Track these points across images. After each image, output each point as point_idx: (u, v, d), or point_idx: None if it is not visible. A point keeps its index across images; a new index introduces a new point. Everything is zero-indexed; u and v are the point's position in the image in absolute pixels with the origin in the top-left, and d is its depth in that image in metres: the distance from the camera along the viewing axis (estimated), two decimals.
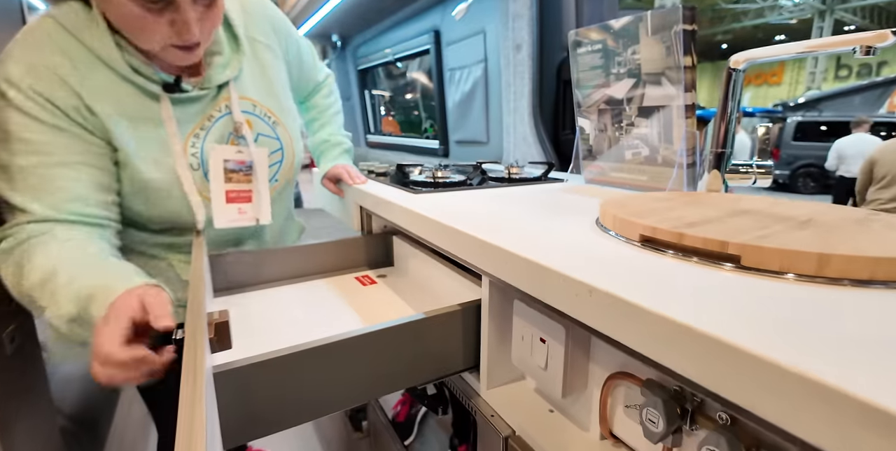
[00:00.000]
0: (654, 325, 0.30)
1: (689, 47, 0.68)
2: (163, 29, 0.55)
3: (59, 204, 0.57)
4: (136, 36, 0.56)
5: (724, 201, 0.59)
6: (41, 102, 0.55)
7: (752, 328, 0.28)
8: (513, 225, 0.57)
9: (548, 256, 0.43)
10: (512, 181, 0.97)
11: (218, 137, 0.69)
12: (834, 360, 0.24)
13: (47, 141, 0.56)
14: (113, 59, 0.59)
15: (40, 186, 0.56)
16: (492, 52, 1.47)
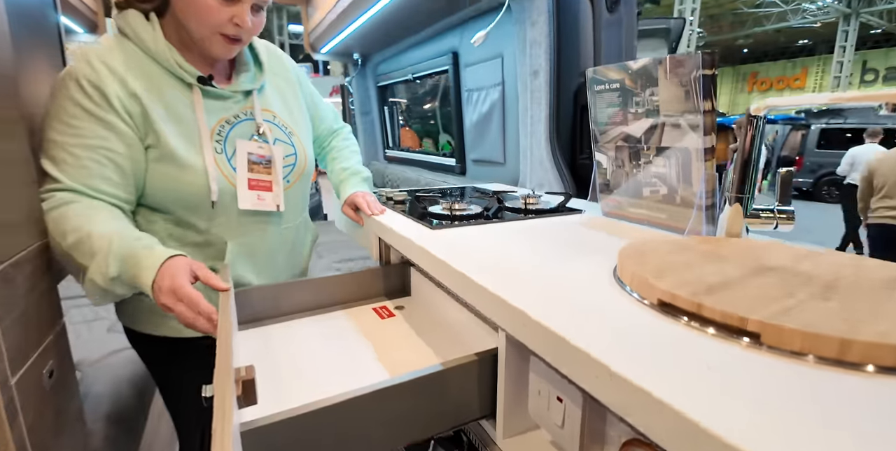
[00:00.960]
0: (673, 419, 0.30)
1: (708, 92, 0.68)
2: (222, 16, 0.70)
3: (83, 179, 0.68)
4: (196, 19, 0.70)
5: (745, 253, 0.58)
6: (93, 94, 0.67)
7: (774, 428, 0.28)
8: (529, 272, 0.58)
9: (566, 322, 0.43)
10: (529, 213, 0.97)
11: (241, 133, 0.80)
12: None
13: (86, 125, 0.68)
14: (161, 55, 0.72)
15: (70, 162, 0.67)
16: (509, 75, 1.47)
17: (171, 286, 0.61)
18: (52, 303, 0.74)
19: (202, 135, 0.75)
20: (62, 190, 0.67)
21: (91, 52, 0.70)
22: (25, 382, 0.61)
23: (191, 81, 0.75)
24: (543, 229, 0.84)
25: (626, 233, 0.81)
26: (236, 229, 0.81)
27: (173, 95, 0.74)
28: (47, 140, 0.68)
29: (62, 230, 0.65)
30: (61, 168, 0.67)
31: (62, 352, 0.75)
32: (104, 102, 0.68)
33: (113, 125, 0.69)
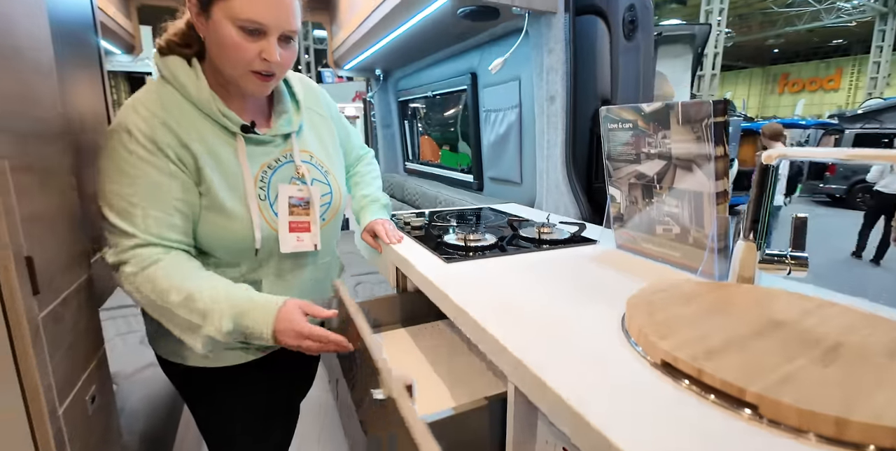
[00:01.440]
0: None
1: (720, 138, 0.69)
2: (251, 54, 0.69)
3: (155, 230, 0.69)
4: (227, 58, 0.70)
5: (753, 305, 0.59)
6: (146, 143, 0.69)
7: None
8: (538, 315, 0.60)
9: (568, 376, 0.45)
10: (542, 243, 0.99)
11: (282, 177, 0.82)
12: None
13: (147, 173, 0.69)
14: (205, 104, 0.73)
15: (138, 213, 0.68)
16: (526, 98, 1.49)
17: (293, 330, 0.67)
18: (95, 331, 0.79)
19: (247, 184, 0.77)
20: (139, 246, 0.68)
21: (140, 102, 0.71)
22: (71, 410, 0.66)
23: (235, 129, 0.76)
24: (556, 264, 0.85)
25: (639, 270, 0.82)
26: (274, 270, 0.84)
27: (219, 144, 0.75)
28: (108, 192, 0.68)
29: (161, 290, 0.67)
30: (132, 221, 0.68)
31: (103, 377, 0.80)
32: (158, 151, 0.69)
33: (170, 172, 0.70)
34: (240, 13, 0.66)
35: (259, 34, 0.69)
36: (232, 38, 0.68)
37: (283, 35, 0.71)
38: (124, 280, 0.69)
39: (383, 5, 1.46)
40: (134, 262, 0.68)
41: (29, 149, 0.61)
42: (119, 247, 0.68)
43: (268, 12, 0.68)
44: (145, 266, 0.68)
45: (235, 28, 0.68)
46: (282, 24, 0.69)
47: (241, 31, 0.68)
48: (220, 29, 0.68)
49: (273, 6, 0.68)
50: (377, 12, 1.54)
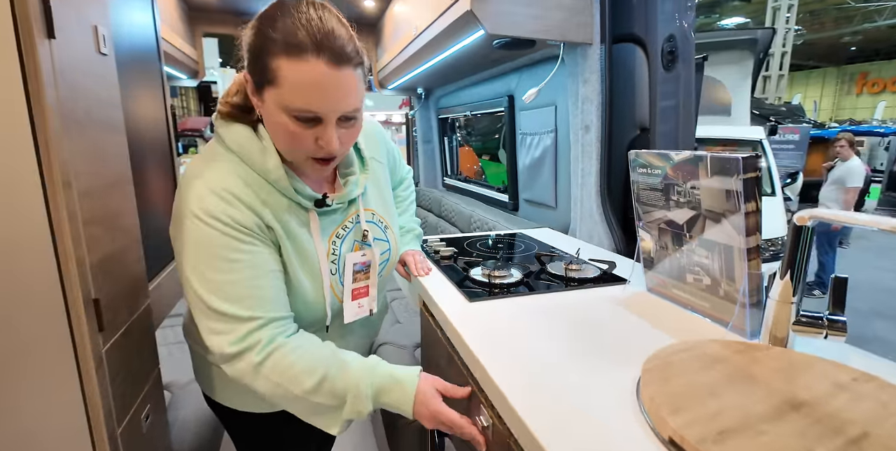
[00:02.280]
0: None
1: (752, 194, 0.67)
2: (309, 142, 0.65)
3: (272, 311, 0.66)
4: (286, 146, 0.67)
5: (780, 376, 0.57)
6: (236, 225, 0.65)
7: None
8: (552, 373, 0.61)
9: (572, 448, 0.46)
10: (570, 281, 0.99)
11: (350, 244, 0.80)
12: None
13: (246, 258, 0.65)
14: (280, 182, 0.69)
15: (253, 294, 0.65)
16: (562, 124, 1.49)
17: (428, 411, 0.66)
18: (151, 353, 0.88)
19: (321, 262, 0.75)
20: (259, 328, 0.65)
21: (217, 184, 0.65)
22: (128, 430, 0.74)
23: (308, 205, 0.72)
24: (581, 308, 0.85)
25: (668, 320, 0.80)
26: (338, 332, 0.84)
27: (292, 219, 0.71)
28: (211, 281, 0.64)
29: (292, 377, 0.64)
30: (246, 304, 0.64)
31: (157, 395, 0.89)
32: (252, 234, 0.66)
33: (266, 251, 0.68)
34: (290, 102, 0.61)
35: (315, 121, 0.63)
36: (285, 126, 0.63)
37: (343, 117, 0.64)
38: (251, 371, 0.64)
39: (422, 36, 1.51)
40: (258, 348, 0.64)
41: (98, 201, 0.70)
42: (237, 334, 0.64)
43: (321, 100, 0.61)
44: (270, 352, 0.64)
45: (288, 116, 0.62)
46: (339, 108, 0.63)
47: (295, 119, 0.62)
48: (272, 115, 0.64)
49: (326, 92, 0.61)
50: (416, 41, 1.59)
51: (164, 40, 1.57)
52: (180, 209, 0.66)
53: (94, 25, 0.70)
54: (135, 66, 1.11)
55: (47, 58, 0.56)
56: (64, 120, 0.60)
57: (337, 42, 0.60)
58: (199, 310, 0.65)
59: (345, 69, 0.61)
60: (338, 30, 0.61)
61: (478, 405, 0.68)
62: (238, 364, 0.65)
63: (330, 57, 0.59)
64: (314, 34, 0.58)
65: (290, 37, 0.58)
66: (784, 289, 0.66)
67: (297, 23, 0.59)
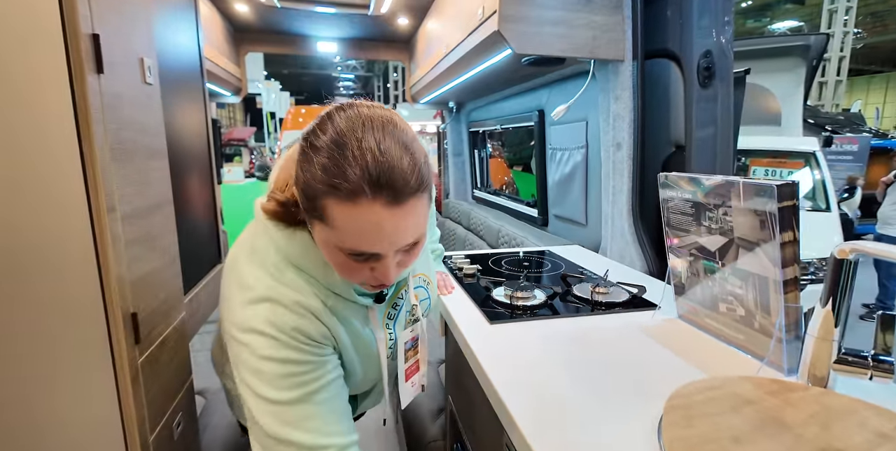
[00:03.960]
0: None
1: (788, 224, 0.63)
2: (364, 272, 0.58)
3: (347, 431, 0.59)
4: (336, 271, 0.59)
5: (813, 421, 0.53)
6: (304, 340, 0.59)
7: None
8: (572, 408, 0.59)
9: None
10: (596, 306, 0.96)
11: (402, 324, 0.76)
12: None
13: (314, 371, 0.59)
14: (340, 288, 0.63)
15: (322, 412, 0.58)
16: (593, 140, 1.46)
17: None
18: (184, 363, 0.92)
19: (381, 354, 0.71)
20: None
21: (285, 297, 0.59)
22: (160, 437, 0.78)
23: (369, 303, 0.68)
24: (607, 336, 0.82)
25: (698, 351, 0.77)
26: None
27: (355, 322, 0.67)
28: (276, 402, 0.56)
29: None
30: (315, 427, 0.57)
31: (189, 403, 0.93)
32: (318, 345, 0.61)
33: (333, 359, 0.64)
34: (342, 243, 0.53)
35: (371, 256, 0.55)
36: (338, 259, 0.56)
37: (401, 250, 0.56)
38: None
39: (452, 54, 1.53)
40: None
41: (140, 223, 0.74)
42: None
43: (377, 241, 0.53)
44: None
45: (342, 253, 0.55)
46: (398, 245, 0.54)
47: (349, 255, 0.55)
48: (324, 246, 0.56)
49: (382, 233, 0.52)
50: (447, 59, 1.61)
51: (208, 59, 1.67)
52: (239, 322, 0.58)
53: (141, 57, 0.75)
54: (179, 85, 1.19)
55: (96, 92, 0.61)
56: (111, 150, 0.65)
57: (397, 176, 0.49)
58: (255, 431, 0.57)
59: (406, 204, 0.51)
60: (399, 160, 0.50)
61: None
62: None
63: (388, 196, 0.49)
64: (370, 172, 0.48)
65: (340, 176, 0.48)
66: (825, 323, 0.62)
67: (350, 159, 0.48)
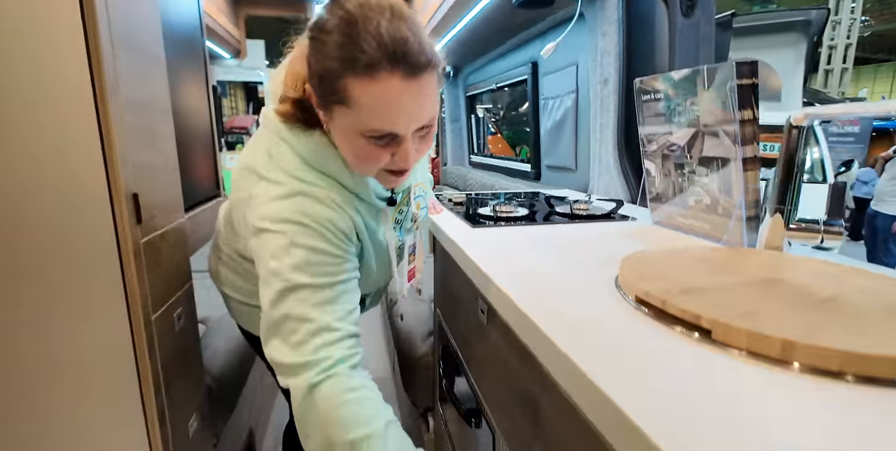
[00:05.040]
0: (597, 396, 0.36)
1: (747, 102, 0.67)
2: (385, 159, 0.59)
3: (354, 323, 0.60)
4: (358, 164, 0.61)
5: (765, 265, 0.58)
6: (336, 232, 0.61)
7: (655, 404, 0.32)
8: (540, 270, 0.64)
9: (548, 308, 0.50)
10: (575, 218, 1.01)
11: (407, 227, 0.82)
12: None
13: (340, 264, 0.61)
14: (360, 188, 0.66)
15: (341, 303, 0.59)
16: (583, 83, 1.49)
17: None
18: (184, 268, 0.98)
19: (392, 255, 0.76)
20: (334, 343, 0.57)
21: (317, 192, 0.62)
22: (161, 321, 0.83)
23: (382, 206, 0.71)
24: (581, 236, 0.87)
25: (666, 242, 0.81)
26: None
27: (371, 223, 0.70)
28: (298, 285, 0.57)
29: (337, 417, 0.53)
30: (331, 311, 0.58)
31: (189, 306, 0.98)
32: (346, 241, 0.63)
33: (353, 257, 0.65)
34: (365, 124, 0.54)
35: (390, 138, 0.57)
36: (359, 146, 0.57)
37: (421, 127, 0.58)
38: (302, 391, 0.55)
39: (444, 4, 1.56)
40: (322, 366, 0.55)
41: (141, 113, 0.79)
42: (311, 344, 0.56)
43: (398, 117, 0.54)
44: (331, 375, 0.55)
45: (363, 137, 0.56)
46: (418, 122, 0.56)
47: (370, 138, 0.56)
48: (343, 134, 0.58)
49: (402, 108, 0.54)
50: (440, 10, 1.65)
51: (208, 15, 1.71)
52: (272, 214, 0.60)
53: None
54: (179, 40, 1.23)
55: None
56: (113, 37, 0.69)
57: (411, 49, 0.51)
58: (270, 314, 0.58)
59: (422, 77, 0.53)
60: (411, 36, 0.51)
61: None
62: (292, 379, 0.56)
63: (405, 69, 0.51)
64: (386, 44, 0.50)
65: (358, 51, 0.50)
66: (780, 191, 0.66)
67: (364, 34, 0.50)
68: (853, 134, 6.63)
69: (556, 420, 0.47)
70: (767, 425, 0.30)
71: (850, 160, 4.67)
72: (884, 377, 0.34)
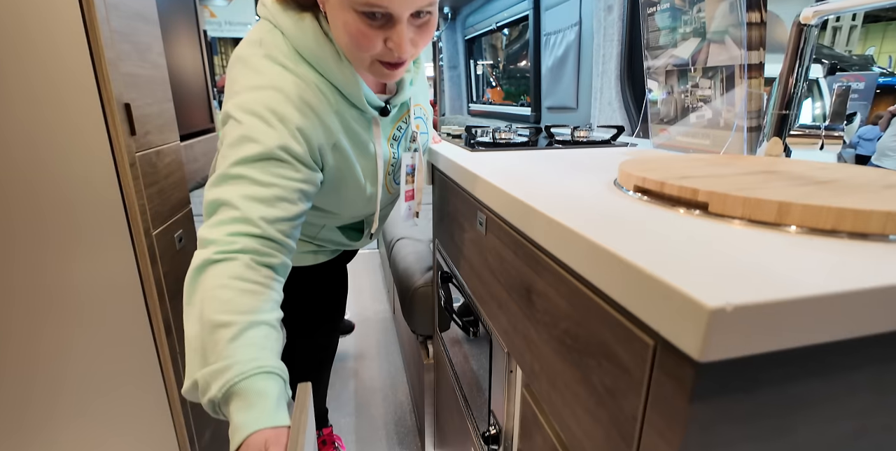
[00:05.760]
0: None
1: (754, 3, 0.65)
2: (377, 44, 0.57)
3: (282, 227, 0.58)
4: (352, 49, 0.58)
5: (761, 163, 0.58)
6: (301, 140, 0.59)
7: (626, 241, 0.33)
8: (537, 179, 0.64)
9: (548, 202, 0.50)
10: (577, 144, 1.00)
11: (405, 146, 0.79)
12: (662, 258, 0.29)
13: (288, 171, 0.59)
14: (349, 88, 0.62)
15: (271, 204, 0.57)
16: (586, 14, 1.44)
17: None
18: (182, 191, 0.97)
19: (379, 169, 0.73)
20: (249, 236, 0.55)
21: (292, 90, 0.59)
22: (162, 237, 0.84)
23: (373, 114, 0.68)
24: (581, 157, 0.87)
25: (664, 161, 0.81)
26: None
27: (359, 131, 0.67)
28: (239, 175, 0.56)
29: (218, 297, 0.51)
30: (258, 210, 0.56)
31: (189, 228, 0.99)
32: (308, 151, 0.61)
33: (310, 171, 0.62)
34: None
35: (385, 19, 0.55)
36: (352, 25, 0.55)
37: (417, 12, 0.56)
38: (198, 264, 0.54)
39: None
40: (228, 247, 0.54)
41: (128, 23, 0.76)
42: (227, 228, 0.55)
43: None
44: (231, 258, 0.53)
45: (355, 13, 0.54)
46: (412, 3, 0.54)
47: (363, 16, 0.54)
48: (336, 11, 0.56)
49: None
50: None
51: None
52: (242, 102, 0.58)
53: None
54: None
55: None
56: None
57: None
58: (207, 195, 0.57)
59: None
60: None
61: None
62: (197, 251, 0.55)
63: None
64: None
65: None
66: (780, 97, 0.65)
67: None
68: (857, 90, 6.50)
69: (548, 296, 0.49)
70: (765, 266, 0.31)
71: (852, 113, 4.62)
72: (876, 233, 0.35)
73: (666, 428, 0.30)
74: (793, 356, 0.29)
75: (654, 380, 0.31)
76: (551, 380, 0.48)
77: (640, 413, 0.33)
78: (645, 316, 0.30)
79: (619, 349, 0.35)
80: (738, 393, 0.29)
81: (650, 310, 0.30)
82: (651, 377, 0.32)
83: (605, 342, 0.37)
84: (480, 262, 0.76)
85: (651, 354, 0.32)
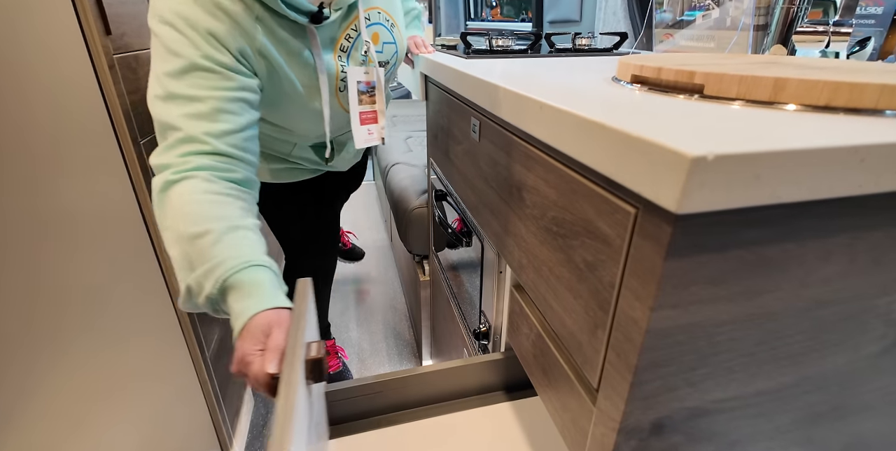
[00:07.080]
0: None
1: None
2: None
3: (230, 139, 0.57)
4: None
5: (766, 58, 0.56)
6: (217, 46, 0.57)
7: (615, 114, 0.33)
8: (536, 78, 0.62)
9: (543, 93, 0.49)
10: (578, 52, 0.95)
11: (357, 59, 0.73)
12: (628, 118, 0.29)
13: (219, 80, 0.58)
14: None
15: (213, 118, 0.56)
16: None
17: (239, 356, 0.47)
18: None
19: (322, 84, 0.69)
20: (199, 154, 0.56)
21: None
22: (149, 147, 0.82)
23: (304, 21, 0.64)
24: (582, 63, 0.83)
25: None
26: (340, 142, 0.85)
27: (287, 37, 0.63)
28: (171, 94, 0.56)
29: (189, 213, 0.52)
30: (205, 127, 0.56)
31: None
32: (231, 56, 0.59)
33: (242, 77, 0.60)
34: None
35: None
36: None
37: None
38: (159, 188, 0.55)
39: None
40: (182, 167, 0.54)
41: None
42: (178, 150, 0.55)
43: None
44: (188, 177, 0.54)
45: None
46: None
47: None
48: None
49: None
50: None
51: None
52: (156, 10, 0.57)
53: None
54: None
55: None
56: None
57: None
58: (153, 117, 0.57)
59: None
60: None
61: None
62: (154, 178, 0.56)
63: None
64: None
65: None
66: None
67: None
68: (874, 15, 6.06)
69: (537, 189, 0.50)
70: (752, 131, 0.31)
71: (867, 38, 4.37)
72: (870, 108, 0.35)
73: (641, 288, 0.32)
74: (769, 217, 0.30)
75: (634, 245, 0.33)
76: (537, 268, 0.51)
77: (619, 280, 0.35)
78: (629, 180, 0.31)
79: (601, 224, 0.37)
80: (713, 253, 0.30)
81: (633, 172, 0.30)
82: (630, 244, 0.33)
83: (588, 219, 0.39)
84: (474, 172, 0.76)
85: (632, 221, 0.33)
